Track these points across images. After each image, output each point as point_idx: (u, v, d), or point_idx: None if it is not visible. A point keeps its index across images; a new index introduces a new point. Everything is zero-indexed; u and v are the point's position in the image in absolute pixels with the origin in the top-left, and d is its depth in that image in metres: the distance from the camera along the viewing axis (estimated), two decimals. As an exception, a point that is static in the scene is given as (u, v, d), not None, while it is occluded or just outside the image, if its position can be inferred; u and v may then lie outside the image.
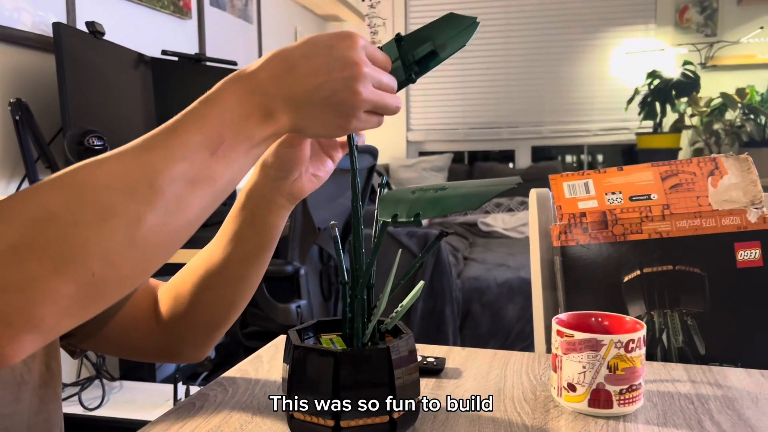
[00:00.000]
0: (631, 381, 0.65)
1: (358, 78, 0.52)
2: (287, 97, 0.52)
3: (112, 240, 0.44)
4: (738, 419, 0.65)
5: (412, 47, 0.60)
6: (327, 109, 0.53)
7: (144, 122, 2.07)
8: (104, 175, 0.46)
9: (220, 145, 0.49)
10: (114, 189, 0.45)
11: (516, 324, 2.73)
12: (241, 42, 3.08)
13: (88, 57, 1.77)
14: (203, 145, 0.49)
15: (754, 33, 4.05)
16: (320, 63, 0.52)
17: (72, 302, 0.43)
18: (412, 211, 0.55)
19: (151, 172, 0.46)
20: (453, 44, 0.60)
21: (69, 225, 0.43)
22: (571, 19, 4.38)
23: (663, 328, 0.89)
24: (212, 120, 0.50)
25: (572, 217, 0.92)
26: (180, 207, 0.48)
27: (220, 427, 0.64)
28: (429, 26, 0.60)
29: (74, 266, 0.43)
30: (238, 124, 0.51)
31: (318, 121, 0.54)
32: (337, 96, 0.52)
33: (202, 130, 0.49)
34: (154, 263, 0.48)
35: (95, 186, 0.45)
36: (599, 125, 4.42)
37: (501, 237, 3.79)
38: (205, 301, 0.72)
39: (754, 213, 0.88)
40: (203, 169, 0.49)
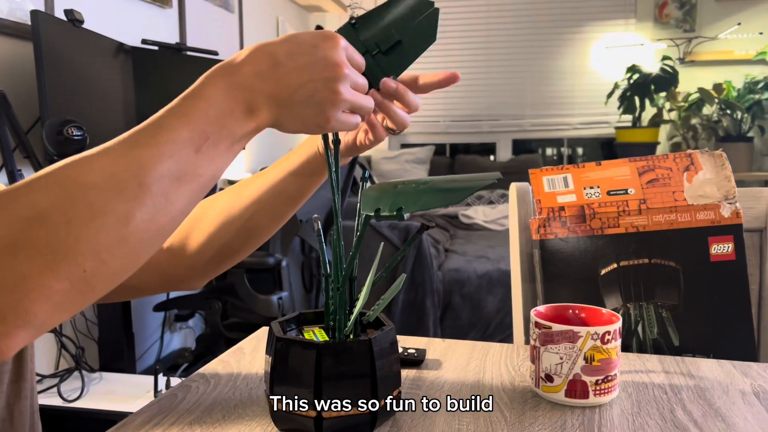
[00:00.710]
0: (606, 372, 0.66)
1: (339, 79, 0.53)
2: (270, 94, 0.53)
3: (103, 237, 0.45)
4: (709, 408, 0.66)
5: (373, 35, 0.60)
6: (307, 107, 0.54)
7: (124, 112, 2.05)
8: (94, 172, 0.46)
9: (204, 142, 0.50)
10: (104, 187, 0.46)
11: (496, 315, 2.76)
12: (222, 32, 3.06)
13: (66, 45, 1.74)
14: (189, 142, 0.50)
15: (731, 29, 4.11)
16: (304, 62, 0.53)
17: (64, 298, 0.45)
18: (395, 205, 0.56)
19: (139, 170, 0.47)
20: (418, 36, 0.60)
21: (60, 223, 0.44)
22: (552, 13, 4.40)
23: (638, 320, 0.91)
24: (197, 116, 0.50)
25: (551, 210, 0.93)
26: (167, 203, 0.49)
27: (202, 418, 0.65)
28: (381, 7, 0.60)
29: (66, 263, 0.44)
30: (221, 121, 0.51)
31: (298, 119, 0.54)
32: (318, 95, 0.53)
33: (187, 126, 0.50)
34: (142, 257, 0.50)
35: (85, 184, 0.46)
36: (579, 119, 4.46)
37: (481, 229, 3.81)
38: (228, 227, 0.75)
39: (727, 208, 0.90)
40: (189, 167, 0.50)
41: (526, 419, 0.64)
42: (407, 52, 0.62)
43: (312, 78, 0.53)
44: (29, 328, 0.44)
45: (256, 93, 0.53)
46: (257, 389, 0.72)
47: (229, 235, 0.75)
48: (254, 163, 3.30)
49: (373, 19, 0.61)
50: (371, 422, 0.60)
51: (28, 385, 0.70)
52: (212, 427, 0.63)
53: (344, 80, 0.54)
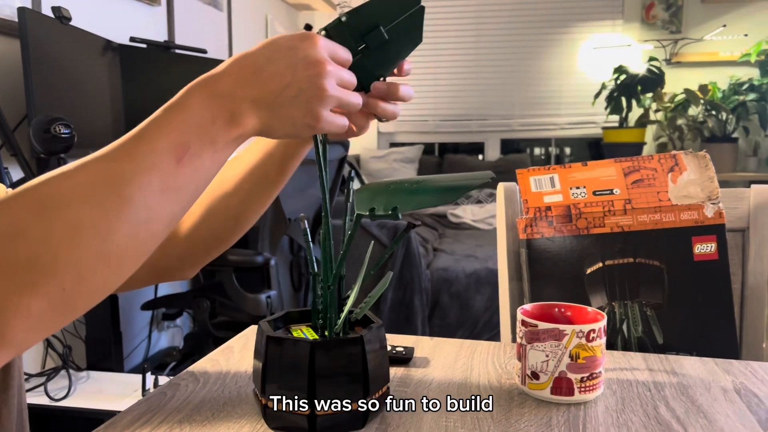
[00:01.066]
0: (591, 369, 0.68)
1: (322, 75, 0.53)
2: (254, 100, 0.52)
3: (82, 254, 0.44)
4: (691, 405, 0.68)
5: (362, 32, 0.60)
6: (294, 108, 0.53)
7: (111, 110, 2.05)
8: (71, 188, 0.45)
9: (185, 152, 0.49)
10: (82, 202, 0.45)
11: (484, 314, 2.77)
12: (211, 30, 3.05)
13: (54, 43, 1.73)
14: (169, 153, 0.49)
15: (717, 31, 4.15)
16: (285, 64, 0.52)
17: (43, 317, 0.44)
18: (390, 204, 0.56)
19: (118, 183, 0.46)
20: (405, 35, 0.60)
21: (38, 241, 0.43)
22: (541, 14, 4.43)
23: (623, 318, 0.92)
24: (177, 126, 0.50)
25: (538, 210, 0.94)
26: (149, 216, 0.48)
27: (191, 416, 0.65)
28: (368, 4, 0.60)
29: (45, 282, 0.43)
30: (203, 130, 0.50)
31: (286, 122, 0.54)
32: (303, 95, 0.53)
33: (167, 137, 0.49)
34: (125, 272, 0.48)
35: (63, 200, 0.45)
36: (567, 119, 4.48)
37: (470, 228, 3.83)
38: (212, 217, 0.74)
39: (710, 208, 0.91)
40: (171, 178, 0.49)
41: (513, 416, 0.65)
42: (395, 51, 0.62)
43: (295, 78, 0.52)
44: (8, 347, 0.43)
45: (239, 100, 0.52)
46: (246, 387, 0.73)
47: (215, 224, 0.75)
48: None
49: (362, 17, 0.60)
50: (363, 419, 0.60)
51: (15, 383, 0.70)
52: (201, 425, 0.63)
53: (328, 76, 0.53)
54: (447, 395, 0.70)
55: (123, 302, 2.25)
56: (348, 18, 0.60)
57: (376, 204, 0.57)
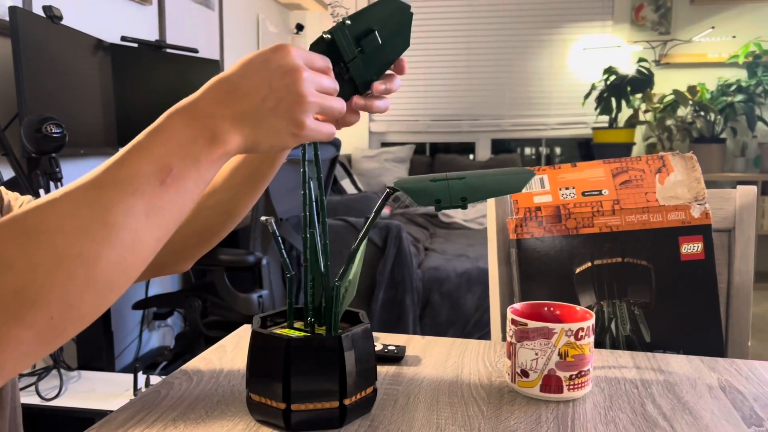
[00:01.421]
0: (580, 367, 0.69)
1: (299, 81, 0.53)
2: (234, 117, 0.52)
3: (70, 282, 0.44)
4: (677, 402, 0.69)
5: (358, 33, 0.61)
6: (276, 119, 0.53)
7: (103, 109, 2.04)
8: (56, 217, 0.45)
9: (168, 174, 0.49)
10: (68, 230, 0.45)
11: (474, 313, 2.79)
12: (203, 29, 3.05)
13: (45, 42, 1.73)
14: (152, 176, 0.48)
15: (705, 32, 4.19)
16: (260, 77, 0.53)
17: (32, 346, 0.44)
18: (456, 196, 0.58)
19: (102, 210, 0.46)
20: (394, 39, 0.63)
21: (25, 271, 0.43)
22: (532, 15, 4.45)
23: (611, 317, 0.93)
24: (158, 149, 0.49)
25: (528, 211, 0.96)
26: (135, 241, 0.47)
27: (185, 414, 0.66)
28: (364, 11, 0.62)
29: (33, 312, 0.43)
30: (184, 150, 0.50)
31: (270, 134, 0.53)
32: (283, 104, 0.53)
33: (149, 160, 0.49)
34: (112, 298, 0.48)
35: (48, 229, 0.44)
36: (557, 119, 4.51)
37: (461, 228, 3.85)
38: (204, 211, 0.76)
39: (697, 209, 0.93)
40: (155, 200, 0.48)
41: (503, 413, 0.66)
42: (386, 55, 0.63)
43: (272, 88, 0.52)
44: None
45: (218, 119, 0.52)
46: (239, 386, 0.73)
47: (208, 218, 0.77)
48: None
49: (361, 21, 0.62)
50: (340, 417, 0.61)
51: (8, 382, 0.70)
52: (195, 423, 0.64)
53: (306, 82, 0.53)
54: (438, 393, 0.71)
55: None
56: (352, 21, 0.61)
57: (439, 197, 0.59)
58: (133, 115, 2.20)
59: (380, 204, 0.63)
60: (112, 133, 2.09)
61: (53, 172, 1.58)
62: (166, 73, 2.42)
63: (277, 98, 0.52)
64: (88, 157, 2.16)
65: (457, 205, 0.58)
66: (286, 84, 0.52)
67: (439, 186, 0.60)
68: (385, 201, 0.62)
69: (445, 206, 0.58)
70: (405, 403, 0.69)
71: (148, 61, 2.30)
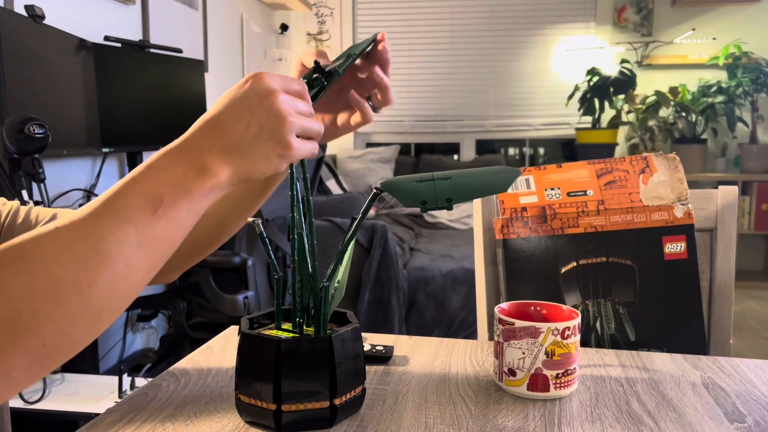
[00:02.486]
0: (566, 366, 0.70)
1: (277, 103, 0.54)
2: (221, 149, 0.53)
3: (64, 309, 0.45)
4: (661, 399, 0.70)
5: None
6: (262, 144, 0.54)
7: (86, 109, 2.02)
8: (53, 246, 0.46)
9: (160, 204, 0.50)
10: (63, 259, 0.46)
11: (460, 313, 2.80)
12: (186, 29, 3.03)
13: (27, 42, 1.71)
14: (144, 206, 0.50)
15: (686, 34, 4.24)
16: (238, 106, 0.54)
17: (23, 372, 0.45)
18: (442, 197, 0.59)
19: (97, 238, 0.47)
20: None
21: (21, 298, 0.44)
22: (515, 16, 4.47)
23: (597, 316, 0.94)
24: (150, 182, 0.51)
25: (514, 211, 0.97)
26: (127, 270, 0.49)
27: (173, 416, 0.66)
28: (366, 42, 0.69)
29: (26, 338, 0.44)
30: (176, 182, 0.52)
31: (259, 160, 0.55)
32: (266, 128, 0.54)
33: (141, 191, 0.50)
34: (104, 325, 0.49)
35: (44, 258, 0.45)
36: (541, 120, 4.54)
37: (446, 228, 3.86)
38: (198, 223, 0.75)
39: (680, 209, 0.94)
40: (146, 230, 0.50)
41: (490, 412, 0.67)
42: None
43: (252, 115, 0.54)
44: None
45: (205, 152, 0.53)
46: (228, 387, 0.73)
47: (200, 231, 0.78)
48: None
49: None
50: (330, 417, 0.62)
51: None
52: (184, 425, 0.64)
53: (284, 104, 0.55)
54: (426, 392, 0.71)
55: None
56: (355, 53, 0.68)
57: (425, 198, 0.59)
58: (117, 116, 2.19)
59: (367, 204, 0.63)
60: (95, 133, 2.07)
61: (36, 173, 1.57)
62: (150, 73, 2.41)
63: (259, 124, 0.54)
64: (71, 158, 2.14)
65: (443, 206, 0.59)
66: (265, 108, 0.54)
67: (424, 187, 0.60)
68: (372, 201, 0.63)
69: (431, 207, 0.59)
70: (393, 402, 0.69)
71: (131, 61, 2.29)
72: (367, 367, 0.79)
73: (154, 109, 2.42)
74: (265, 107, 0.54)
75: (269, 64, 4.22)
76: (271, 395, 0.60)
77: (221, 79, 3.44)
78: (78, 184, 2.18)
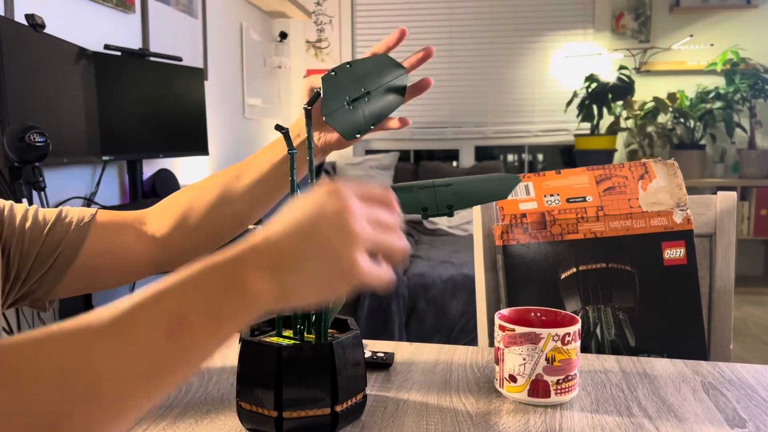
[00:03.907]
0: (567, 372, 0.70)
1: (349, 214, 0.45)
2: (268, 263, 0.44)
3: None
4: (662, 405, 0.70)
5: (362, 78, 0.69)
6: (322, 262, 0.44)
7: (86, 118, 2.03)
8: (37, 362, 0.38)
9: (179, 324, 0.41)
10: (44, 381, 0.38)
11: (460, 319, 2.80)
12: (186, 37, 3.04)
13: (27, 51, 1.72)
14: (158, 325, 0.41)
15: (684, 41, 4.25)
16: (303, 217, 0.46)
17: None
18: (443, 204, 0.59)
19: (87, 363, 0.39)
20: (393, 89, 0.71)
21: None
22: (513, 23, 4.49)
23: (597, 322, 0.95)
24: (173, 295, 0.42)
25: (513, 217, 0.97)
26: (118, 404, 0.40)
27: (174, 423, 0.66)
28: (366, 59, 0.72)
29: None
30: (202, 298, 0.43)
31: (315, 280, 0.45)
32: (330, 243, 0.44)
33: (158, 306, 0.42)
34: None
35: (24, 376, 0.38)
36: (539, 126, 4.55)
37: (445, 234, 3.86)
38: (219, 219, 0.78)
39: (679, 214, 0.94)
40: (153, 354, 0.41)
41: (491, 418, 0.67)
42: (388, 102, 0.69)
43: (315, 226, 0.45)
44: None
45: (248, 266, 0.44)
46: (229, 393, 0.73)
47: (221, 225, 0.79)
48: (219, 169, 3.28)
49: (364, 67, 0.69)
50: (332, 424, 0.62)
51: None
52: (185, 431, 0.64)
53: (358, 216, 0.45)
54: (427, 399, 0.71)
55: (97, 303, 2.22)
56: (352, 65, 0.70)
57: (427, 205, 0.60)
58: (117, 124, 2.19)
59: None
60: (95, 141, 2.07)
61: (36, 181, 1.57)
62: (150, 81, 2.41)
63: (324, 238, 0.44)
64: (72, 166, 2.15)
65: (444, 213, 0.59)
66: (335, 221, 0.45)
67: (425, 194, 0.61)
68: None
69: (431, 214, 0.59)
70: (395, 409, 0.69)
71: (131, 70, 2.29)
72: (368, 373, 0.79)
73: (154, 117, 2.43)
74: (334, 218, 0.44)
75: (268, 71, 4.23)
76: (272, 402, 0.60)
77: (221, 86, 3.45)
78: (78, 192, 2.18)
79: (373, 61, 0.71)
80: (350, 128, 0.68)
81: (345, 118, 0.67)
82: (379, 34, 4.56)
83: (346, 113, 0.67)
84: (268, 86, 4.24)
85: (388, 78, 0.71)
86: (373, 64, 0.70)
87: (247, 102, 3.82)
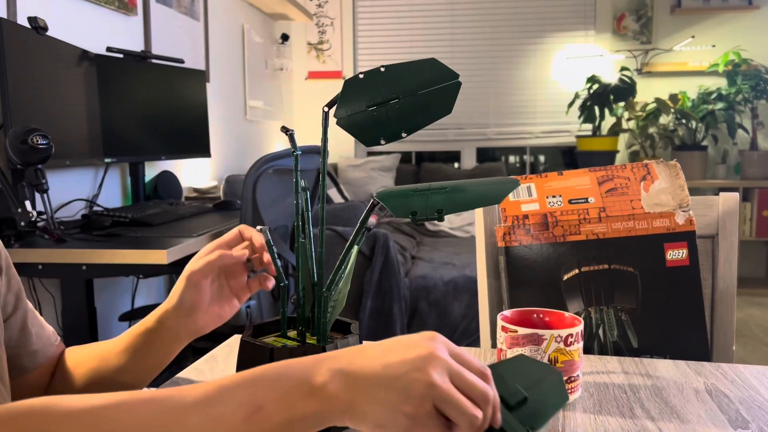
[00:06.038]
0: (570, 373, 0.70)
1: (432, 367, 0.45)
2: (348, 375, 0.46)
3: None
4: (665, 406, 0.70)
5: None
6: (390, 392, 0.45)
7: (88, 120, 2.03)
8: (138, 424, 0.43)
9: (256, 413, 0.45)
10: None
11: (462, 321, 2.80)
12: (188, 39, 3.05)
13: (30, 53, 1.72)
14: (239, 409, 0.45)
15: (685, 42, 4.25)
16: (389, 346, 0.48)
17: None
18: (432, 208, 0.58)
19: (183, 428, 0.44)
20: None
21: None
22: (515, 24, 4.49)
23: (599, 323, 0.95)
24: (259, 385, 0.46)
25: (515, 219, 0.97)
26: None
27: (178, 425, 0.66)
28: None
29: None
30: (279, 387, 0.46)
31: (377, 402, 0.45)
32: (405, 379, 0.45)
33: (245, 391, 0.46)
34: None
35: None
36: (541, 128, 4.55)
37: (447, 236, 3.86)
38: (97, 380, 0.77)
39: (681, 215, 0.94)
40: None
41: (494, 419, 0.67)
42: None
43: (397, 357, 0.46)
44: None
45: (325, 365, 0.47)
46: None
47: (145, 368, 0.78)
48: (221, 171, 3.29)
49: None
50: (331, 426, 0.62)
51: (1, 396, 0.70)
52: (189, 433, 0.64)
53: (439, 365, 0.46)
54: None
55: (101, 313, 2.23)
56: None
57: (417, 208, 0.59)
58: (119, 126, 2.19)
59: (365, 215, 0.63)
60: (98, 143, 2.08)
61: (39, 183, 1.57)
62: (152, 83, 2.42)
63: (402, 373, 0.45)
64: (74, 168, 2.15)
65: (433, 217, 0.59)
66: (418, 366, 0.45)
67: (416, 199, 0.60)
68: (370, 211, 0.63)
69: (421, 219, 0.59)
70: (397, 410, 0.69)
71: (133, 72, 2.30)
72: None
73: (156, 119, 2.43)
74: (418, 365, 0.45)
75: (270, 73, 4.24)
76: None
77: (222, 88, 3.46)
78: (80, 194, 2.19)
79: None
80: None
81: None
82: (380, 36, 4.57)
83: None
84: (270, 88, 4.25)
85: None
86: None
87: (248, 104, 3.83)
